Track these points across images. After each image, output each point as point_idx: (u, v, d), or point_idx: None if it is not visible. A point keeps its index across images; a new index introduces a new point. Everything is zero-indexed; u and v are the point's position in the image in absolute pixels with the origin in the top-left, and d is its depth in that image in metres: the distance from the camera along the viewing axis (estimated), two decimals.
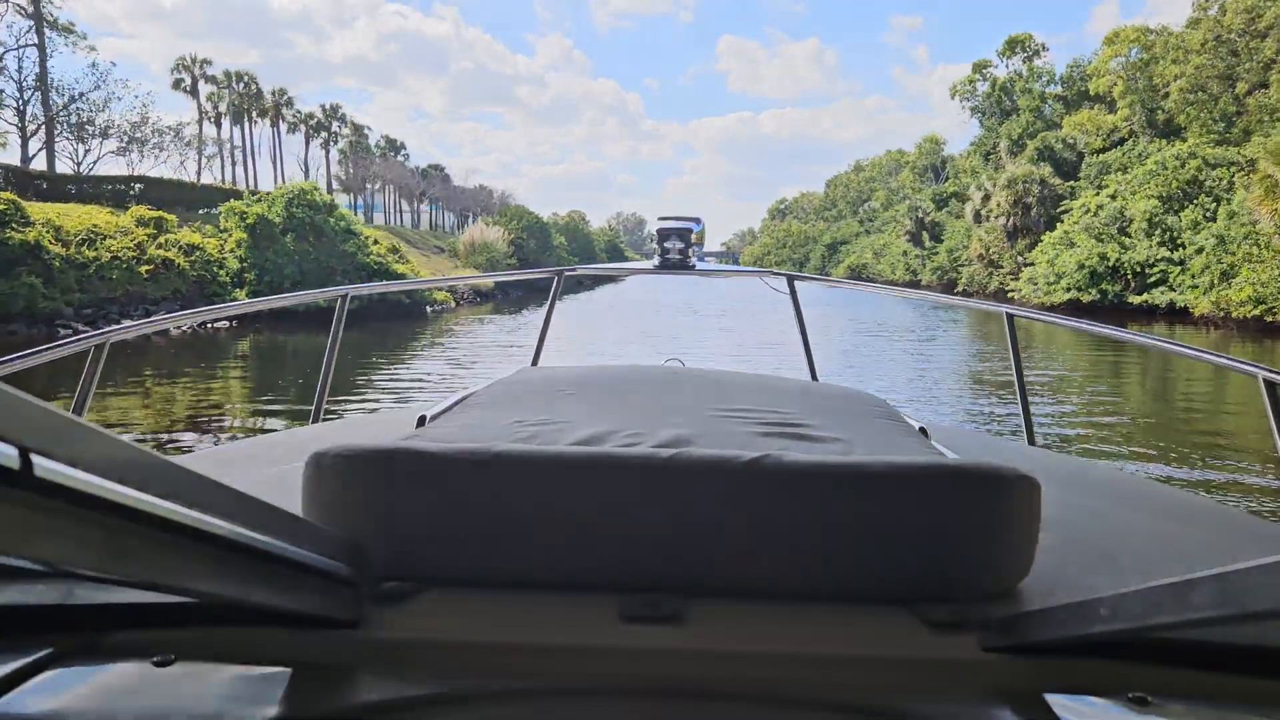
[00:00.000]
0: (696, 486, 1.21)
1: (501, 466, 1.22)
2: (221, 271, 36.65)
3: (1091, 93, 70.83)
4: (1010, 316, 3.31)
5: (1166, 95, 59.97)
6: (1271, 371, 2.31)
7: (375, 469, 1.23)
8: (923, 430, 1.92)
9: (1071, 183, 54.39)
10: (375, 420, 3.06)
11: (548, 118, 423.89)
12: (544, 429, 1.55)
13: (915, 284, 77.26)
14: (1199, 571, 0.69)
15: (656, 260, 3.72)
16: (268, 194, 40.36)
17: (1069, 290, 42.76)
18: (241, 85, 68.27)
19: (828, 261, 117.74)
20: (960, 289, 61.07)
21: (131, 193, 43.49)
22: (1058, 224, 47.81)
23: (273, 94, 71.69)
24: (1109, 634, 0.88)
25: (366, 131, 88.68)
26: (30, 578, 1.03)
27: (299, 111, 75.38)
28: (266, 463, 2.09)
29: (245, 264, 36.99)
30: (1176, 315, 37.81)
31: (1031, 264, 49.98)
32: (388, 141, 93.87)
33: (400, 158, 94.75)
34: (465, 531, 1.23)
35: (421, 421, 1.88)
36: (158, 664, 1.05)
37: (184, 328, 29.97)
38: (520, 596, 1.22)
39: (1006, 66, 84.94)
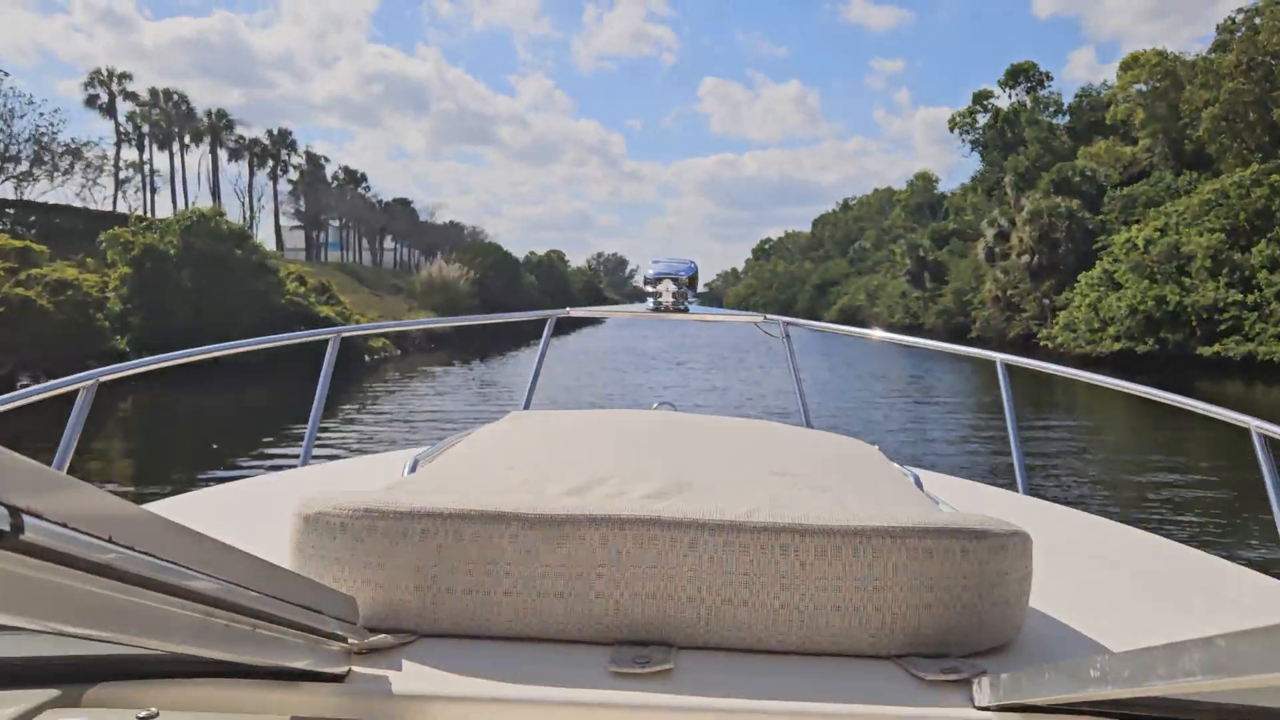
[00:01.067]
0: (686, 540, 1.22)
1: (491, 520, 1.23)
2: (100, 315, 29.82)
3: (1108, 121, 65.68)
4: (1003, 364, 3.26)
5: (1189, 124, 54.85)
6: (1264, 424, 2.31)
7: (364, 520, 1.24)
8: (916, 480, 1.91)
9: (1101, 216, 48.42)
10: (365, 465, 2.89)
11: (530, 158, 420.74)
12: (535, 476, 1.52)
13: (917, 328, 71.83)
14: (1191, 632, 0.70)
15: (650, 304, 3.61)
16: (161, 220, 33.63)
17: (1119, 339, 36.10)
18: (170, 104, 61.02)
19: (817, 303, 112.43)
20: (974, 335, 54.88)
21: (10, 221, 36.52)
22: (1097, 261, 41.43)
23: (209, 115, 64.61)
24: (1100, 696, 0.89)
25: (323, 162, 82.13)
26: (11, 629, 1.04)
27: (242, 137, 68.22)
28: (255, 508, 2.11)
29: (130, 305, 30.16)
30: (1260, 370, 31.47)
31: (1063, 308, 43.76)
32: (347, 173, 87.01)
33: (361, 190, 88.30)
34: (453, 583, 1.23)
35: (413, 467, 1.89)
36: (142, 718, 1.04)
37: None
38: (509, 649, 1.23)
39: (1010, 96, 79.83)
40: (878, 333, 4.37)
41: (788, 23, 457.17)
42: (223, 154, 67.08)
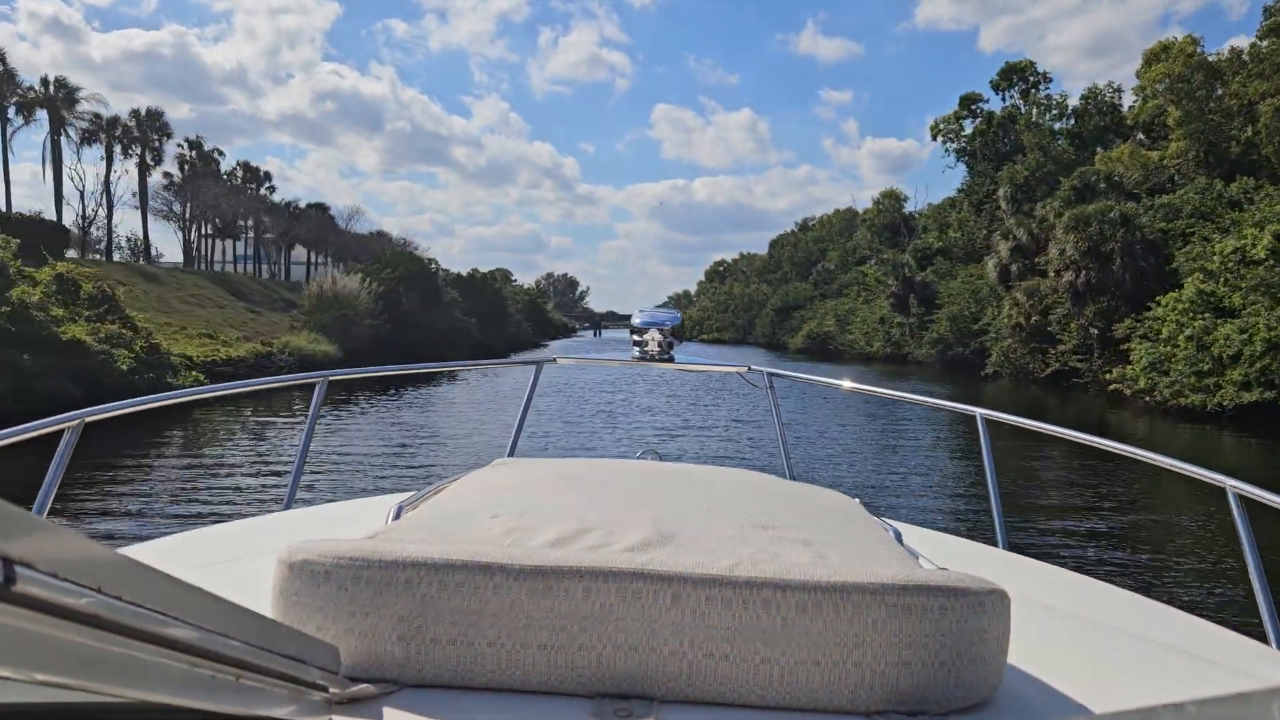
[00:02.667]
0: (670, 594, 1.23)
1: (476, 570, 1.24)
2: None
3: (1129, 122, 56.68)
4: (983, 418, 3.25)
5: (1223, 122, 45.98)
6: (1239, 483, 2.32)
7: (349, 568, 1.24)
8: (896, 534, 1.92)
9: (1162, 226, 38.66)
10: (348, 509, 2.87)
11: (484, 179, 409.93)
12: (519, 526, 1.52)
13: (901, 359, 62.18)
14: (1169, 694, 0.66)
15: (636, 352, 3.66)
16: None
17: (1251, 387, 25.78)
18: None
19: (779, 328, 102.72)
20: (989, 371, 44.87)
21: None
22: (1186, 280, 31.36)
23: (45, 85, 51.91)
24: None
25: (217, 155, 69.73)
26: None
27: (97, 116, 55.46)
28: (239, 552, 2.11)
29: None
30: None
31: (1124, 339, 33.74)
32: (247, 170, 74.74)
33: (265, 190, 76.16)
34: (437, 633, 1.23)
35: (397, 513, 1.88)
36: None
37: None
38: (492, 700, 1.23)
39: (1004, 100, 70.68)
40: (847, 384, 4.21)
41: (739, 52, 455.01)
42: (72, 133, 54.46)
